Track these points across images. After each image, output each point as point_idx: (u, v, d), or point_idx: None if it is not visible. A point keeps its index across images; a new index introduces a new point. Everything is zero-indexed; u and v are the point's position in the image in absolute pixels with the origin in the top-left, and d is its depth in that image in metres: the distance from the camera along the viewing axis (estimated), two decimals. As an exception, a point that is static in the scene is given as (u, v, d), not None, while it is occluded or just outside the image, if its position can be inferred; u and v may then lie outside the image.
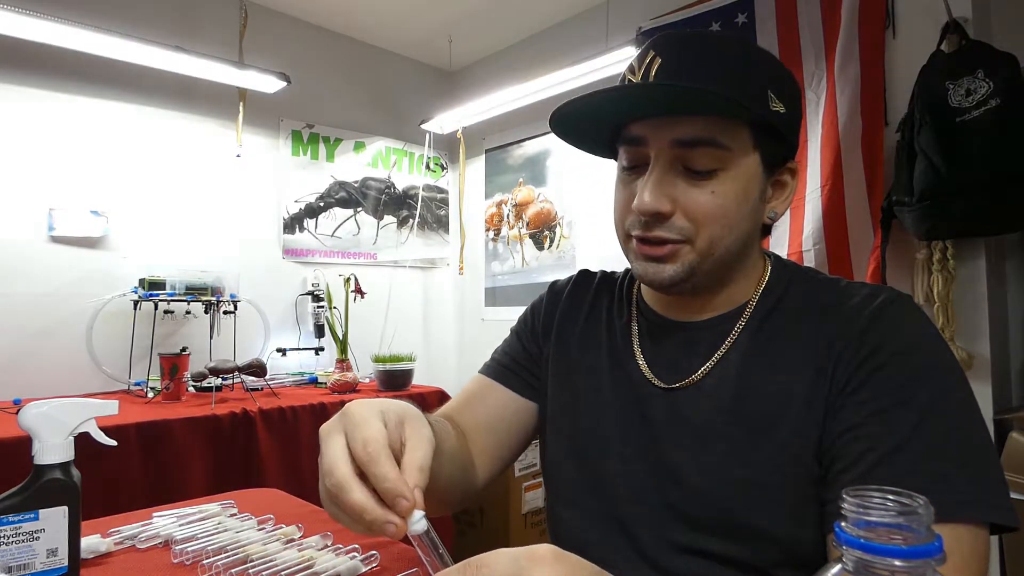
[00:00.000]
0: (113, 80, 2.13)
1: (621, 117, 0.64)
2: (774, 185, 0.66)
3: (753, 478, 0.59)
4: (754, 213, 0.64)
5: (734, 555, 0.60)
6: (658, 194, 0.60)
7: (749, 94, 0.59)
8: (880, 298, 0.60)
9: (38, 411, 0.58)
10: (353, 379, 2.16)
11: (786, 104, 0.62)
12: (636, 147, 0.63)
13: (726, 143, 0.59)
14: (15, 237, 1.96)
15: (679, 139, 0.59)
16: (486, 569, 0.35)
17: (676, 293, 0.67)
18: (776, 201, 0.67)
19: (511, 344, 0.84)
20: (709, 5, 2.04)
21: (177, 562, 0.69)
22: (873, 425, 0.54)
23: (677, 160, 0.61)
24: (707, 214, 0.60)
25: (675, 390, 0.66)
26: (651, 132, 0.61)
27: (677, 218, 0.61)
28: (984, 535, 0.50)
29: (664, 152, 0.61)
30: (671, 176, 0.61)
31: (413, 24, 2.73)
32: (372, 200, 2.90)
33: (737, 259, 0.65)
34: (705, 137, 0.59)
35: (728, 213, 0.61)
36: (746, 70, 0.61)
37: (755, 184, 0.63)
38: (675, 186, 0.61)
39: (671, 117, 0.60)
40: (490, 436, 0.78)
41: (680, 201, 0.61)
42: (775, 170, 0.65)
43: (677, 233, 0.61)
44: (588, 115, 0.64)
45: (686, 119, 0.59)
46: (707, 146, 0.59)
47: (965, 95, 1.47)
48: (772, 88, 0.61)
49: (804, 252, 1.80)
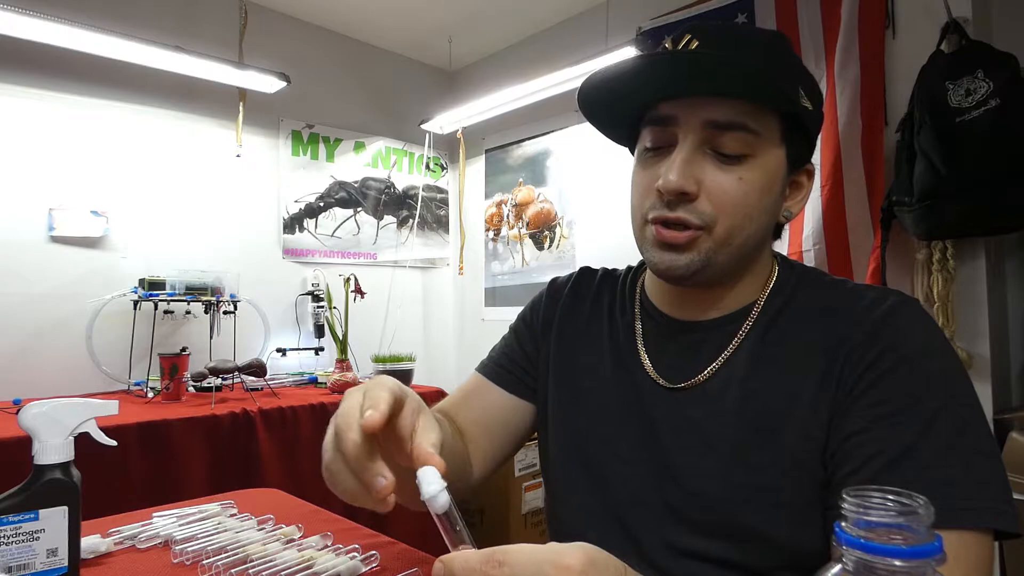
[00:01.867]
0: (113, 80, 2.12)
1: (653, 92, 0.62)
2: (791, 185, 0.66)
3: (757, 481, 0.59)
4: (773, 207, 0.63)
5: (736, 558, 0.59)
6: (686, 173, 0.59)
7: (783, 83, 0.58)
8: (888, 302, 0.59)
9: (38, 411, 0.58)
10: (353, 379, 2.16)
11: (813, 104, 0.62)
12: (664, 127, 0.62)
13: (757, 129, 0.59)
14: (15, 237, 1.96)
15: (713, 120, 0.59)
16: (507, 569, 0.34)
17: (689, 286, 0.65)
18: (791, 201, 0.67)
19: (509, 343, 0.83)
20: (709, 5, 2.04)
21: (177, 562, 0.69)
22: (879, 430, 0.54)
23: (706, 142, 0.60)
24: (731, 200, 0.59)
25: (679, 391, 0.66)
26: (683, 112, 0.60)
27: (700, 202, 0.60)
28: (989, 541, 0.50)
29: (695, 132, 0.60)
30: (699, 157, 0.60)
31: (413, 24, 2.73)
32: (372, 200, 2.90)
33: (751, 254, 0.65)
34: (738, 120, 0.58)
35: (751, 202, 0.60)
36: (782, 61, 0.61)
37: (778, 178, 0.62)
38: (703, 168, 0.60)
39: (704, 98, 0.59)
40: (485, 435, 0.77)
41: (705, 184, 0.59)
42: (795, 169, 0.65)
43: (698, 217, 0.60)
44: (618, 88, 0.62)
45: (719, 101, 0.58)
46: (739, 130, 0.58)
47: (965, 95, 1.47)
48: (802, 84, 0.61)
49: (804, 252, 1.80)
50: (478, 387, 0.81)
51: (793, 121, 0.61)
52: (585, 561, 0.35)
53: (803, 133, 0.62)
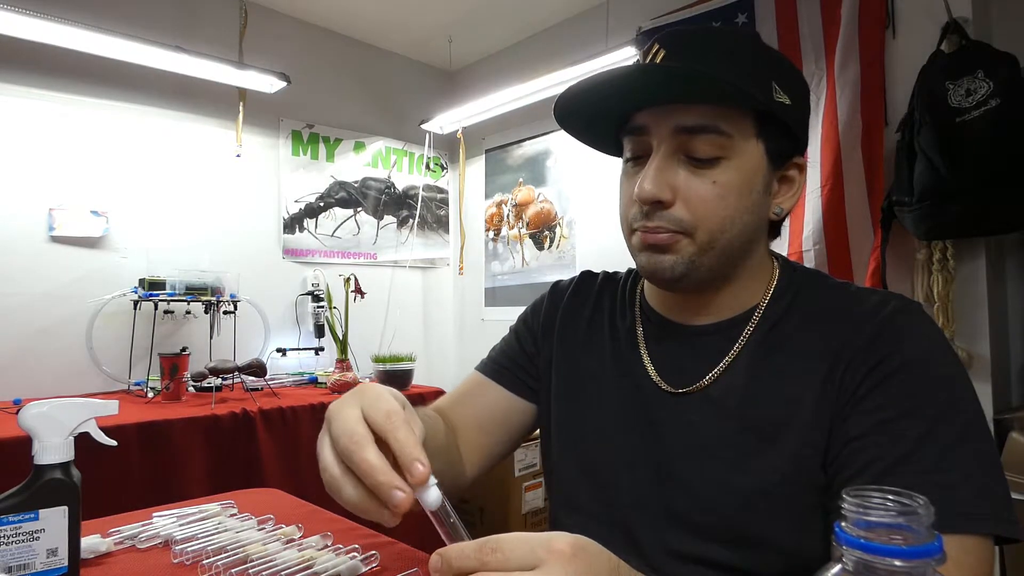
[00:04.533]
0: (113, 80, 2.12)
1: (623, 104, 0.63)
2: (780, 180, 0.65)
3: (758, 486, 0.58)
4: (757, 207, 0.63)
5: (737, 563, 0.59)
6: (659, 181, 0.59)
7: (751, 82, 0.58)
8: (891, 306, 0.59)
9: (38, 411, 0.58)
10: (353, 379, 2.16)
11: (792, 98, 0.61)
12: (639, 136, 0.63)
13: (728, 130, 0.59)
14: (15, 237, 1.96)
15: (681, 125, 0.59)
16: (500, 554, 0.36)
17: (680, 290, 0.65)
18: (782, 197, 0.66)
19: (509, 344, 0.83)
20: (709, 5, 2.04)
21: (177, 562, 0.69)
22: (881, 434, 0.54)
23: (679, 148, 0.60)
24: (707, 205, 0.59)
25: (681, 395, 0.65)
26: (653, 120, 0.61)
27: (677, 208, 0.60)
28: (990, 546, 0.50)
29: (666, 140, 0.60)
30: (672, 164, 0.60)
31: (413, 24, 2.73)
32: (372, 200, 2.90)
33: (741, 255, 0.64)
34: (708, 124, 0.58)
35: (728, 204, 0.60)
36: (749, 60, 0.61)
37: (759, 176, 0.62)
38: (676, 174, 0.60)
39: (673, 105, 0.59)
40: (481, 434, 0.77)
41: (680, 190, 0.60)
42: (781, 164, 0.64)
43: (676, 224, 0.60)
44: (591, 104, 0.63)
45: (687, 107, 0.59)
46: (709, 133, 0.59)
47: (965, 95, 1.47)
48: (777, 80, 0.60)
49: (804, 252, 1.80)
50: (477, 386, 0.81)
51: (768, 118, 0.60)
52: (576, 546, 0.37)
53: (782, 128, 0.62)
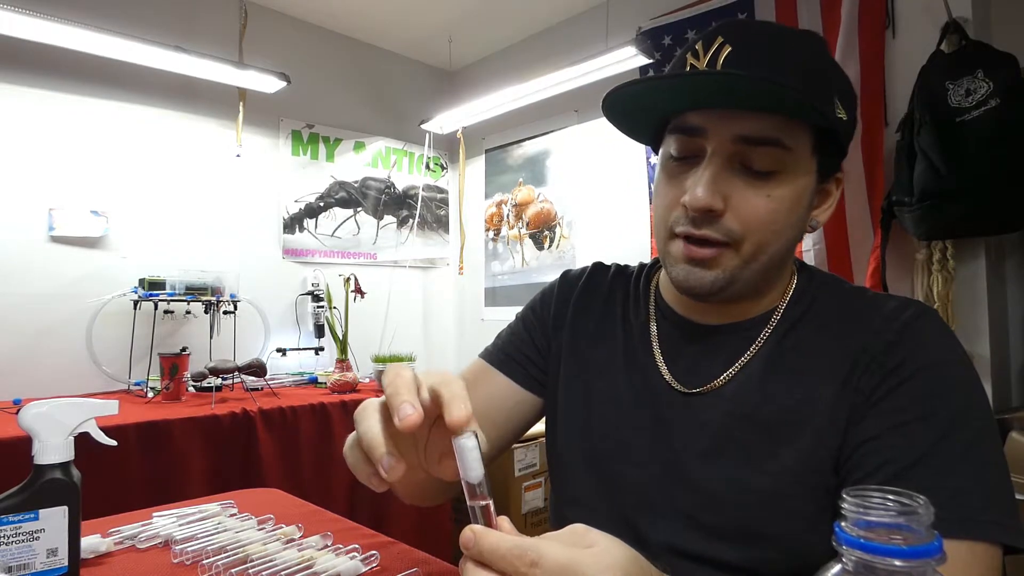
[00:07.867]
0: (113, 80, 2.13)
1: (682, 105, 0.59)
2: (819, 193, 0.64)
3: (770, 487, 0.58)
4: (801, 222, 0.61)
5: (746, 564, 0.59)
6: (713, 190, 0.56)
7: (818, 95, 0.56)
8: (908, 311, 0.59)
9: (38, 411, 0.58)
10: (353, 379, 2.16)
11: (847, 112, 0.60)
12: (692, 137, 0.59)
13: (789, 144, 0.56)
14: (15, 237, 1.96)
15: (744, 135, 0.56)
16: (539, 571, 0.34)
17: (713, 301, 0.64)
18: (819, 210, 0.64)
19: (517, 333, 0.80)
20: (709, 5, 2.04)
21: (177, 562, 0.69)
22: (893, 438, 0.54)
23: (736, 157, 0.57)
24: (759, 219, 0.57)
25: (694, 395, 0.65)
26: (712, 124, 0.57)
27: (727, 219, 0.57)
28: (998, 553, 0.50)
29: (724, 147, 0.57)
30: (728, 173, 0.58)
31: (413, 24, 2.73)
32: (372, 200, 2.90)
33: (778, 267, 0.63)
34: (771, 136, 0.56)
35: (779, 219, 0.58)
36: (818, 70, 0.58)
37: (808, 192, 0.60)
38: (731, 184, 0.57)
39: (736, 110, 0.56)
40: (486, 424, 0.74)
41: (733, 201, 0.57)
42: (826, 179, 0.62)
43: (724, 235, 0.58)
44: (645, 99, 0.60)
45: (752, 114, 0.56)
46: (772, 146, 0.56)
47: (965, 95, 1.47)
48: (839, 94, 0.58)
49: (804, 252, 1.80)
50: (483, 375, 0.78)
51: (826, 133, 0.59)
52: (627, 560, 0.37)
53: (836, 144, 0.60)
